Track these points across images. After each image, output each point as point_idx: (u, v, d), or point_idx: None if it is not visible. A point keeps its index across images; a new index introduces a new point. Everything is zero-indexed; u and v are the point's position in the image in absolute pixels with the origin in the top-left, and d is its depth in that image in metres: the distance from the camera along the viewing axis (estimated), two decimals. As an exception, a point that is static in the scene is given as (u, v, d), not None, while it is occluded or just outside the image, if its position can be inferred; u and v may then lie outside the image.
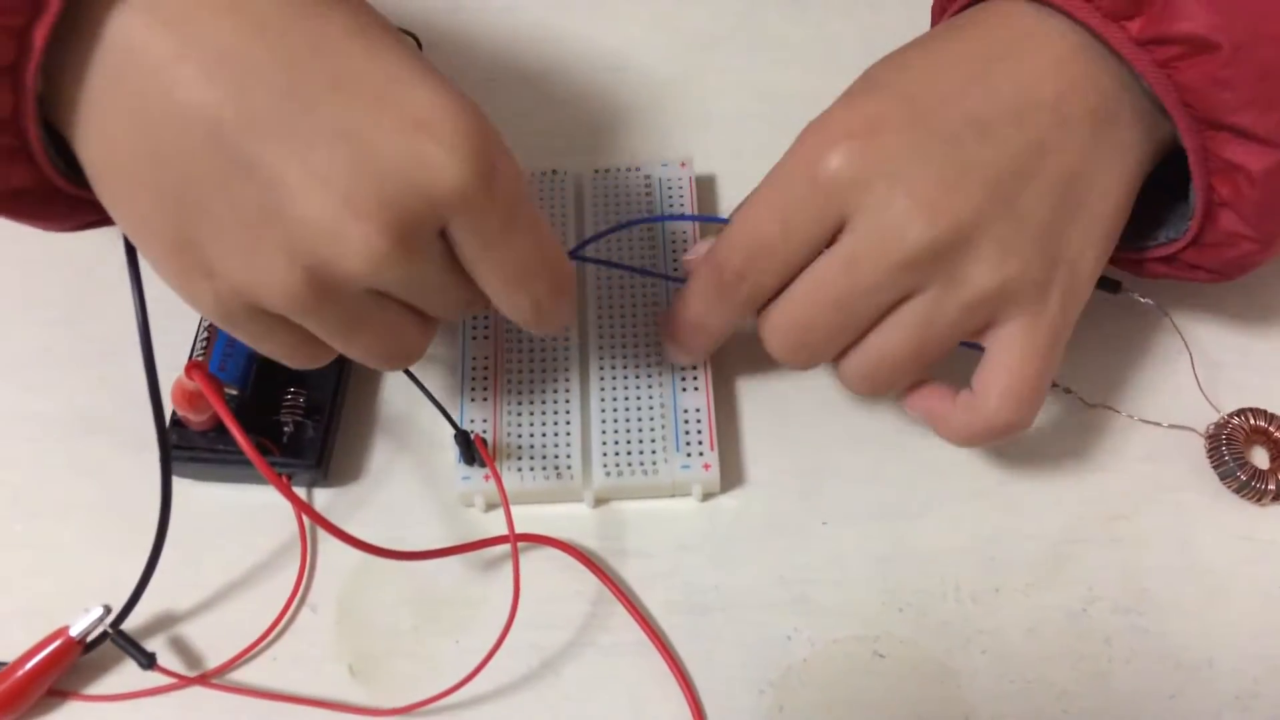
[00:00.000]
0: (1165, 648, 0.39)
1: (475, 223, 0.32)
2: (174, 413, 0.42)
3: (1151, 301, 0.43)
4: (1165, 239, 0.41)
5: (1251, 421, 0.43)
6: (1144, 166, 0.39)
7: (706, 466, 0.42)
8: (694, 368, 0.43)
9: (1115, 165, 0.38)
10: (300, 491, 0.43)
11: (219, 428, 0.42)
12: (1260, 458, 0.43)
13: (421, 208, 0.31)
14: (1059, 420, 0.44)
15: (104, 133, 0.32)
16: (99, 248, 0.48)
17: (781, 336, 0.39)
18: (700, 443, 0.42)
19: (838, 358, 0.39)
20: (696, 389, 0.43)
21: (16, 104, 0.30)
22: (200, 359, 0.42)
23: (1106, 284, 0.42)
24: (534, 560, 0.41)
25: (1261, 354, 0.45)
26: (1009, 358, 0.37)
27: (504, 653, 0.38)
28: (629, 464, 0.42)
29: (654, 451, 0.42)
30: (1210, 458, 0.43)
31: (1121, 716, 0.38)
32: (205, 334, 0.43)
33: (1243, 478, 0.42)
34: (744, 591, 0.41)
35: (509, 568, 0.40)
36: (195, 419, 0.41)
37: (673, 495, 0.43)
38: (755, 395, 0.45)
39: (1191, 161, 0.37)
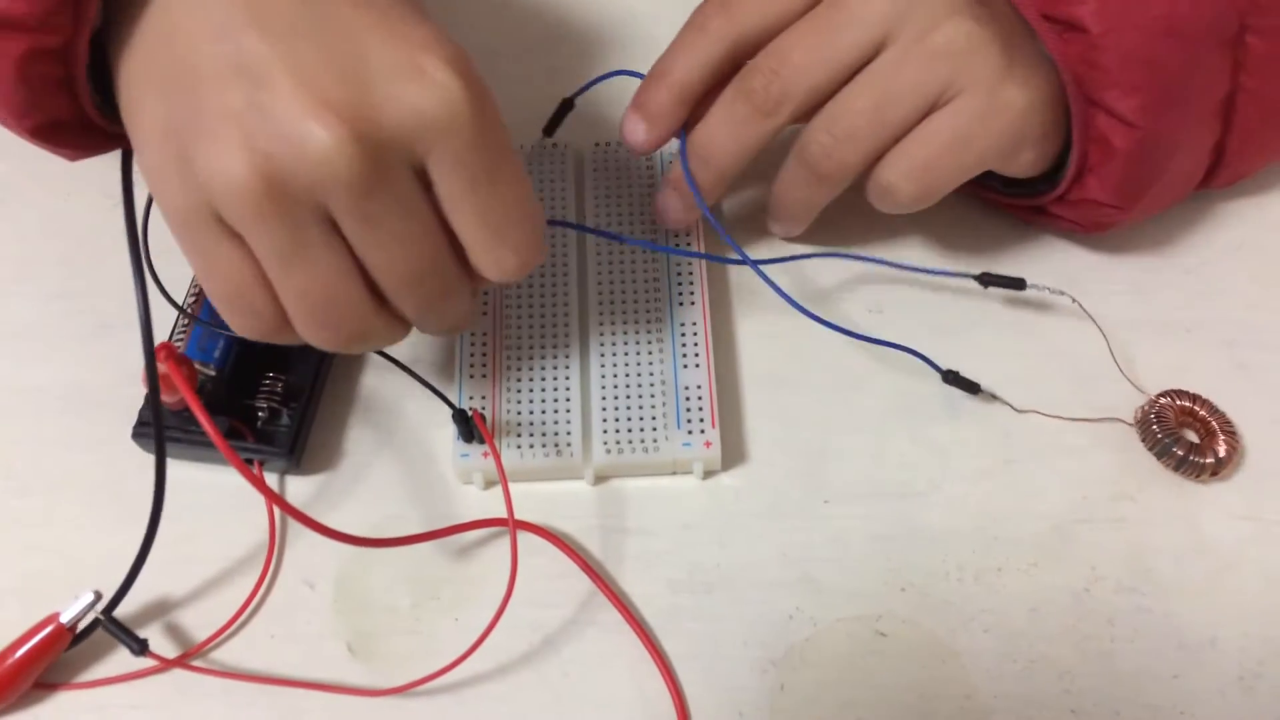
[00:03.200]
0: (1168, 628, 0.39)
1: (462, 156, 0.32)
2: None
3: (1056, 289, 0.44)
4: (1038, 191, 0.44)
5: (1178, 403, 0.43)
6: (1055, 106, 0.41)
7: (708, 444, 0.41)
8: (695, 345, 0.43)
9: (1041, 73, 0.41)
10: (274, 478, 0.43)
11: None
12: (1190, 438, 0.43)
13: (404, 122, 0.31)
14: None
15: (137, 34, 0.33)
16: (96, 220, 0.48)
17: (766, 68, 0.40)
18: (701, 420, 0.42)
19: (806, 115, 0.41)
20: (698, 365, 0.43)
21: (74, 34, 0.32)
22: (178, 341, 0.42)
23: (1011, 282, 0.44)
24: (534, 538, 0.41)
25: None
26: (933, 126, 0.40)
27: (504, 631, 0.38)
28: (629, 441, 0.41)
29: (655, 429, 0.42)
30: (1143, 439, 0.42)
31: (1124, 696, 0.38)
32: (185, 318, 0.42)
33: (1179, 453, 0.41)
34: (746, 570, 0.40)
35: (508, 545, 0.40)
36: (167, 399, 0.40)
37: (674, 473, 0.42)
38: (757, 373, 0.45)
39: (1074, 125, 0.41)
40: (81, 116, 0.35)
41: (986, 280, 0.44)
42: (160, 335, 0.42)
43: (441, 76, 0.31)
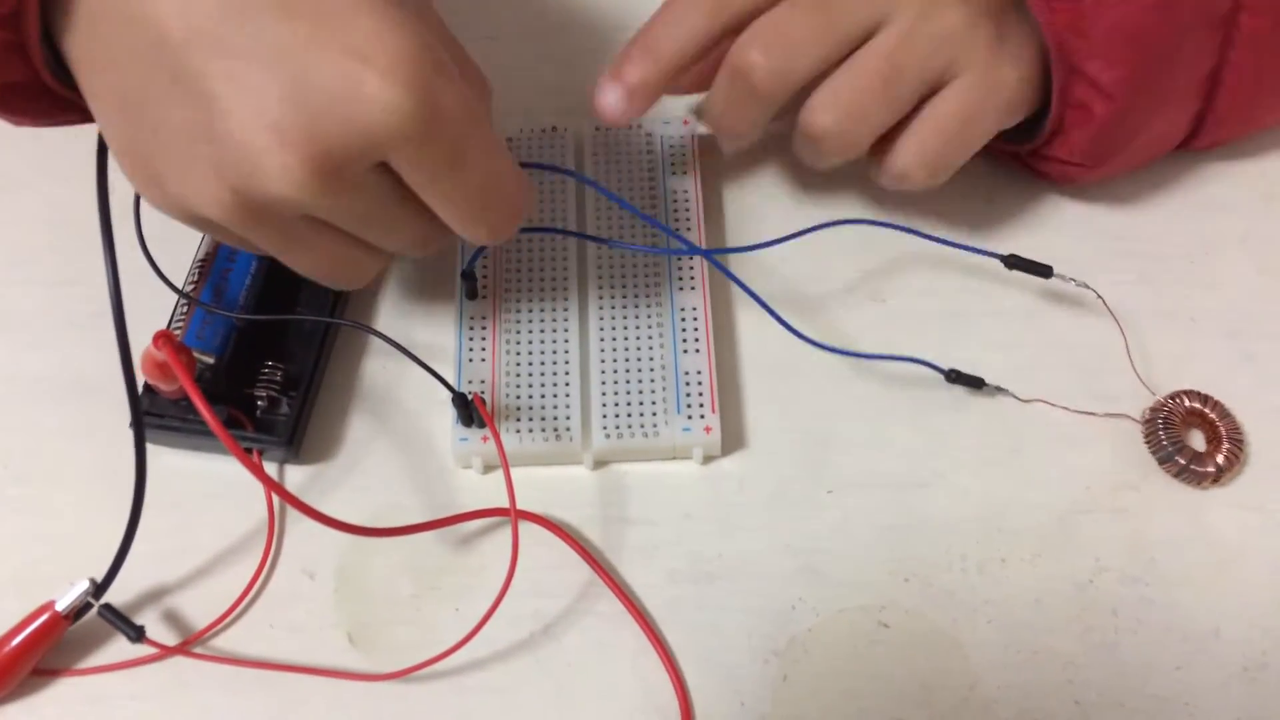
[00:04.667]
0: (1172, 619, 0.39)
1: (416, 158, 0.32)
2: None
3: (1082, 281, 0.44)
4: (1013, 140, 0.45)
5: (1187, 404, 0.42)
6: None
7: (708, 429, 0.41)
8: (696, 330, 0.43)
9: (1029, 44, 0.42)
10: (273, 467, 0.42)
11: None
12: (1197, 441, 0.42)
13: (352, 141, 0.31)
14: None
15: (81, 37, 0.33)
16: (95, 207, 0.47)
17: (763, 43, 0.40)
18: (701, 405, 0.41)
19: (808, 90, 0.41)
20: (698, 350, 0.42)
21: (19, 3, 0.32)
22: (176, 329, 0.42)
23: (1038, 268, 0.43)
24: (535, 527, 0.41)
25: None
26: (940, 109, 0.41)
27: (505, 620, 0.38)
28: (629, 426, 0.41)
29: (654, 413, 0.41)
30: (1147, 442, 0.42)
31: (1128, 687, 0.38)
32: (185, 302, 0.42)
33: (1181, 462, 0.41)
34: (748, 560, 0.40)
35: (509, 533, 0.40)
36: (165, 388, 0.40)
37: (673, 458, 0.42)
38: (757, 359, 0.44)
39: (1054, 90, 0.42)
40: (36, 80, 0.35)
41: (1013, 263, 0.43)
42: (159, 322, 0.42)
43: (380, 87, 0.30)
